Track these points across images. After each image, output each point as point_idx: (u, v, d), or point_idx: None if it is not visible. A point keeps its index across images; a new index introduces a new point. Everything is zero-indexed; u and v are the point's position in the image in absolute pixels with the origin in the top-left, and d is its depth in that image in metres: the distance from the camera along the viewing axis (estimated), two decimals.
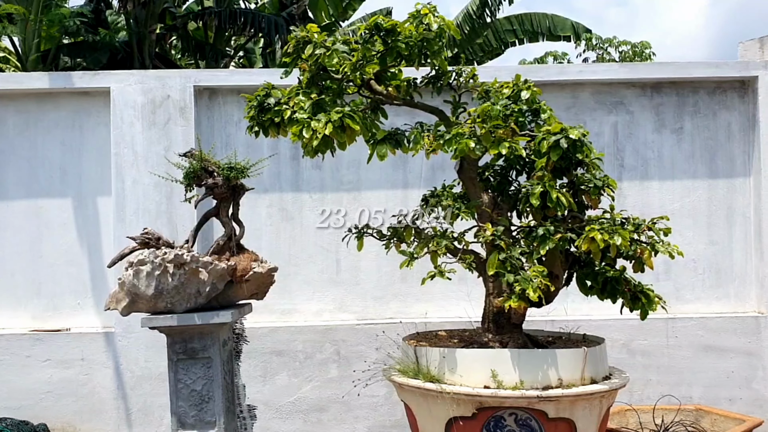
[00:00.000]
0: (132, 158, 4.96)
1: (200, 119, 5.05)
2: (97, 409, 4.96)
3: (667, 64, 5.22)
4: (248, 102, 3.59)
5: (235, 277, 3.48)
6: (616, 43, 13.76)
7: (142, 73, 5.12)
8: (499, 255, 3.14)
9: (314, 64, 3.42)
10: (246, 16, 9.13)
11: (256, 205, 5.04)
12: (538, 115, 3.46)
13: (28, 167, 5.15)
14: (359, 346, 5.01)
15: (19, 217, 5.12)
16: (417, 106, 3.57)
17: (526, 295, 3.02)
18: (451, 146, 3.18)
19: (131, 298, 3.38)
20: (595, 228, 3.10)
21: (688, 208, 5.18)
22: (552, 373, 3.11)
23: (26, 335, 5.00)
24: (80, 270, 5.11)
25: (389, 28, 3.25)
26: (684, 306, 5.12)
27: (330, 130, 3.18)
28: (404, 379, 3.32)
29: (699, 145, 5.22)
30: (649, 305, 3.41)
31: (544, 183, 3.17)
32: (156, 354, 4.92)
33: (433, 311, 5.10)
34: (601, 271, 3.42)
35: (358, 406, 4.99)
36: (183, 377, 3.46)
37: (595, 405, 3.18)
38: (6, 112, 5.14)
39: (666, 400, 4.66)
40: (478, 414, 3.06)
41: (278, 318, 5.09)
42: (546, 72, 5.15)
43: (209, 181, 3.47)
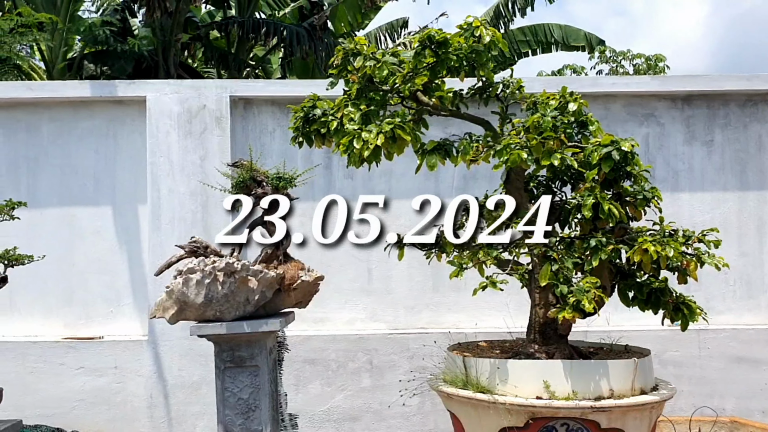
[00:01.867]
0: (168, 167, 4.99)
1: (235, 129, 5.09)
2: (130, 417, 4.97)
3: (698, 77, 5.25)
4: (294, 113, 3.62)
5: (283, 285, 3.50)
6: (630, 56, 13.81)
7: (178, 83, 5.16)
8: (552, 266, 3.15)
9: (363, 76, 3.45)
10: (269, 26, 9.18)
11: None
12: (584, 126, 3.48)
13: (62, 175, 5.18)
14: (392, 355, 5.02)
15: (52, 224, 5.14)
16: (464, 117, 3.60)
17: (581, 306, 3.03)
18: (502, 157, 3.21)
19: (180, 306, 3.39)
20: (648, 239, 3.12)
21: (718, 219, 5.19)
22: (604, 384, 3.12)
23: (59, 343, 5.01)
24: (113, 278, 5.13)
25: (441, 41, 3.28)
26: (715, 317, 5.11)
27: (382, 140, 3.21)
28: (453, 389, 3.32)
29: (729, 157, 5.24)
30: (691, 316, 3.42)
31: (595, 194, 3.19)
32: (189, 362, 4.94)
33: (465, 322, 5.12)
34: (645, 283, 3.43)
35: (391, 416, 4.99)
36: (230, 385, 3.46)
37: (645, 416, 3.19)
38: (40, 120, 5.18)
39: (699, 411, 4.66)
40: (531, 424, 3.07)
41: (310, 326, 5.10)
42: (579, 83, 5.19)
43: (258, 190, 3.50)
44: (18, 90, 5.21)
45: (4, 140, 5.16)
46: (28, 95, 5.13)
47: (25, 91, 5.21)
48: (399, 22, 11.67)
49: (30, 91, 5.18)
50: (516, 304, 4.79)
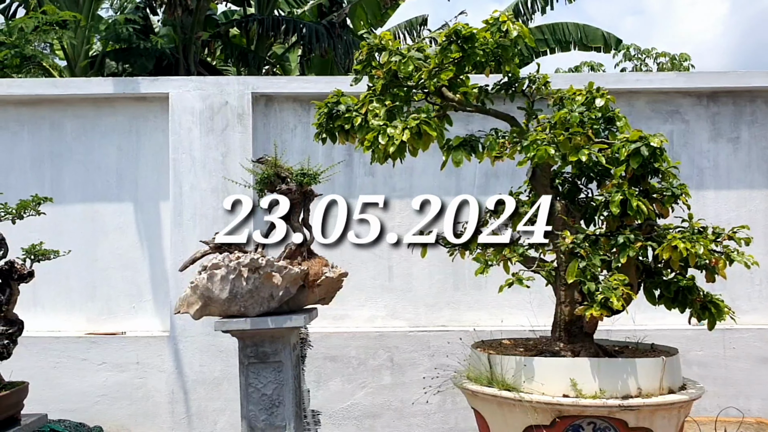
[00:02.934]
0: (190, 163, 5.00)
1: (256, 125, 5.09)
2: (151, 412, 4.99)
3: (724, 74, 5.18)
4: (318, 109, 3.61)
5: (307, 281, 3.49)
6: (654, 54, 13.67)
7: (200, 80, 5.17)
8: (579, 263, 3.12)
9: (388, 71, 3.44)
10: (288, 23, 9.19)
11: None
12: (611, 122, 3.44)
13: (85, 171, 5.21)
14: (413, 353, 5.00)
15: (75, 220, 5.17)
16: (489, 113, 3.57)
17: (608, 303, 2.99)
18: (529, 152, 3.18)
19: (204, 301, 3.40)
20: (677, 236, 3.08)
21: (744, 217, 5.11)
22: (631, 383, 3.08)
23: (82, 338, 5.04)
24: (135, 274, 5.16)
25: (468, 36, 3.26)
26: (741, 317, 4.96)
27: (407, 136, 3.20)
28: (478, 387, 3.30)
29: (756, 154, 5.17)
30: (718, 315, 3.38)
31: (623, 191, 3.15)
32: (211, 358, 4.95)
33: (486, 319, 5.08)
34: (673, 281, 3.38)
35: (412, 414, 4.98)
36: (254, 381, 3.47)
37: (673, 415, 3.15)
38: (64, 117, 5.21)
39: (725, 412, 4.60)
40: (558, 422, 3.04)
41: (330, 323, 5.10)
42: (603, 80, 5.10)
43: (282, 186, 3.49)
44: (42, 87, 5.25)
45: (29, 137, 5.20)
46: (52, 92, 5.17)
47: (49, 87, 5.24)
48: (418, 19, 11.64)
49: (54, 88, 5.22)
50: (538, 302, 4.76)
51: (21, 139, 5.20)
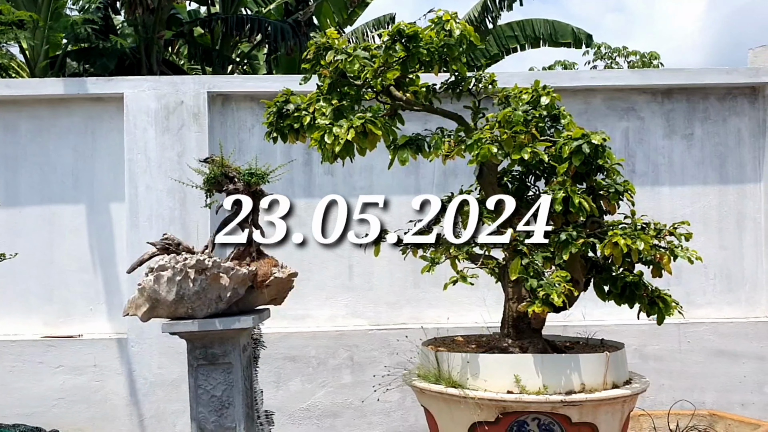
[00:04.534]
0: (145, 164, 4.96)
1: (213, 125, 5.06)
2: (110, 415, 4.95)
3: (678, 71, 5.25)
4: (267, 108, 3.61)
5: (255, 282, 3.48)
6: (625, 52, 13.82)
7: (155, 79, 5.13)
8: (522, 260, 3.15)
9: (335, 70, 3.44)
10: (252, 22, 9.15)
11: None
12: (557, 120, 3.47)
13: (41, 173, 5.15)
14: (373, 351, 5.01)
15: (31, 222, 5.11)
16: (437, 112, 3.59)
17: (550, 300, 3.03)
18: (472, 151, 3.20)
19: (151, 303, 3.37)
20: (618, 233, 3.12)
21: (698, 213, 5.20)
22: (575, 378, 3.12)
23: (38, 341, 4.99)
24: (92, 276, 5.11)
25: (411, 35, 3.27)
26: (695, 311, 5.13)
27: (352, 135, 3.20)
28: (426, 384, 3.32)
29: (709, 150, 5.25)
30: (666, 310, 3.42)
31: (566, 188, 3.18)
32: (169, 360, 4.92)
33: (445, 317, 5.11)
34: (619, 276, 3.42)
35: (372, 412, 4.99)
36: (203, 383, 3.45)
37: (617, 409, 3.19)
38: (19, 118, 5.15)
39: (679, 405, 4.67)
40: (502, 419, 3.07)
41: (291, 323, 5.09)
42: (558, 78, 5.20)
43: (230, 186, 3.48)
44: None
45: None
46: (6, 93, 5.10)
47: (2, 88, 5.18)
48: (386, 18, 11.64)
49: (8, 89, 5.15)
50: (495, 298, 4.77)
51: None
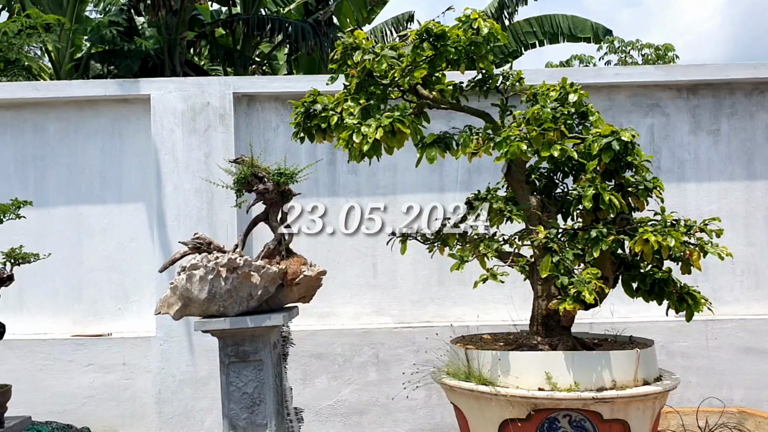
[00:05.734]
0: (172, 164, 5.02)
1: (239, 125, 5.11)
2: (138, 413, 5.01)
3: (703, 66, 5.21)
4: (295, 108, 3.63)
5: (285, 280, 3.51)
6: (638, 46, 13.71)
7: (181, 81, 5.18)
8: (552, 258, 3.15)
9: (362, 70, 3.46)
10: (273, 22, 9.19)
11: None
12: (585, 117, 3.47)
13: (69, 174, 5.22)
14: (398, 349, 5.03)
15: (59, 223, 5.19)
16: (464, 110, 3.59)
17: (581, 297, 3.02)
18: (501, 149, 3.20)
19: (183, 302, 3.42)
20: (649, 230, 3.11)
21: (725, 209, 5.16)
22: (606, 375, 3.11)
23: (68, 340, 5.06)
24: (121, 275, 5.18)
25: (439, 33, 3.28)
26: (723, 308, 5.09)
27: (381, 134, 3.22)
28: (456, 381, 3.33)
29: (736, 146, 5.20)
30: (695, 306, 3.40)
31: (595, 185, 3.18)
32: (197, 358, 4.98)
33: (470, 315, 5.12)
34: (649, 273, 3.41)
35: (397, 410, 5.01)
36: (234, 380, 3.49)
37: (648, 406, 3.18)
38: (47, 120, 5.23)
39: (708, 402, 4.64)
40: (534, 416, 3.07)
41: (316, 321, 5.13)
42: (582, 74, 5.17)
43: (260, 186, 3.51)
44: (24, 90, 5.25)
45: (12, 140, 5.22)
46: (35, 95, 5.18)
47: (31, 91, 5.25)
48: (405, 16, 11.65)
49: (36, 91, 5.23)
50: (521, 296, 4.80)
51: (4, 143, 5.21)
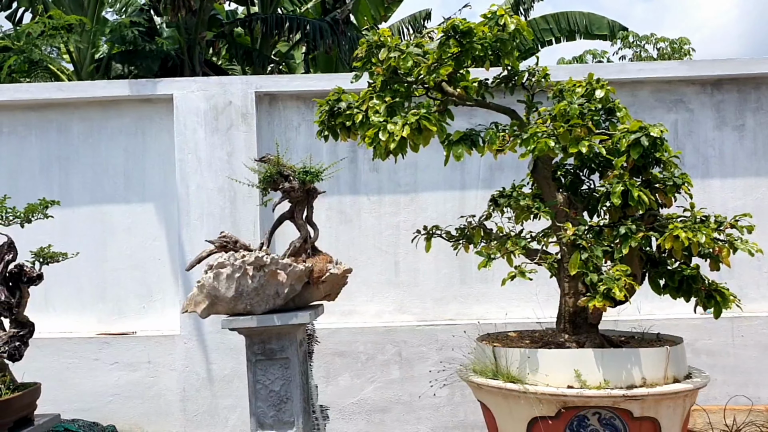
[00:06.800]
0: (195, 164, 5.04)
1: (261, 124, 5.12)
2: (163, 411, 5.05)
3: (728, 61, 5.15)
4: (319, 107, 3.64)
5: (311, 278, 3.52)
6: (653, 40, 13.59)
7: (203, 80, 5.21)
8: (581, 255, 3.13)
9: (388, 67, 3.45)
10: (291, 21, 9.21)
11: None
12: (612, 113, 3.44)
13: (93, 173, 5.27)
14: (420, 347, 5.03)
15: (83, 222, 5.23)
16: (489, 107, 3.58)
17: (611, 294, 3.00)
18: (528, 145, 3.19)
19: (211, 300, 3.43)
20: (679, 226, 3.08)
21: (750, 205, 5.10)
22: (636, 373, 3.09)
23: (93, 339, 5.11)
24: (145, 274, 5.21)
25: (465, 30, 3.27)
26: (749, 305, 5.02)
27: (407, 132, 3.21)
28: (483, 379, 3.32)
29: (762, 141, 5.14)
30: (724, 304, 3.37)
31: (624, 181, 3.15)
32: (221, 356, 5.00)
33: (493, 313, 5.10)
34: (677, 270, 3.39)
35: (421, 407, 5.01)
36: (261, 378, 3.50)
37: (679, 404, 3.15)
38: (71, 120, 5.27)
39: (734, 400, 4.60)
40: (563, 413, 3.06)
41: (339, 319, 5.13)
42: (605, 70, 5.13)
43: (285, 185, 3.52)
44: (49, 91, 5.30)
45: (37, 140, 5.27)
46: (59, 96, 5.22)
47: (55, 91, 5.30)
48: (422, 14, 11.63)
49: (60, 92, 5.27)
50: (544, 294, 4.77)
51: (29, 143, 5.26)
